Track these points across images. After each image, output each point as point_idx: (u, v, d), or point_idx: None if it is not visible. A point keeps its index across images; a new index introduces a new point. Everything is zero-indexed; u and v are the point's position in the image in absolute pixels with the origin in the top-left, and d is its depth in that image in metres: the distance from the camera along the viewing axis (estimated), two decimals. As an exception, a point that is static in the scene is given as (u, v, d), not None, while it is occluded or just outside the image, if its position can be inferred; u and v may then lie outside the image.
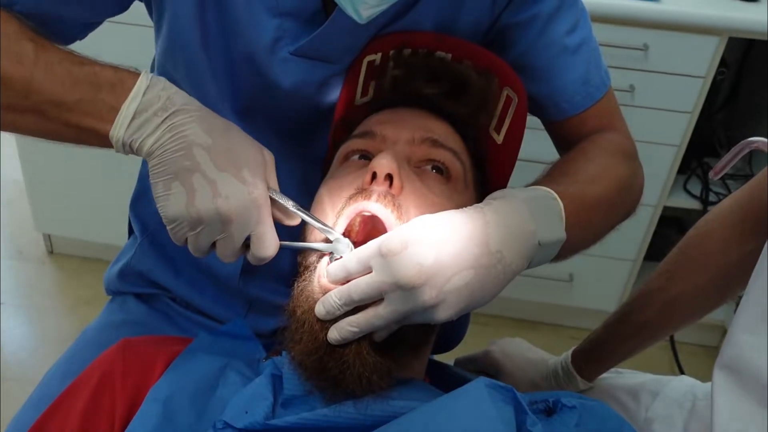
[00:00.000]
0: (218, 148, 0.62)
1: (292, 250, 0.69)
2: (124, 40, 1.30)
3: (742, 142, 0.71)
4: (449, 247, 0.57)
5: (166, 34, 0.78)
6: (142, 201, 0.96)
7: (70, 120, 0.63)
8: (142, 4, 0.80)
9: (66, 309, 2.00)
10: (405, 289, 0.56)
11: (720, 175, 0.73)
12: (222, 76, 0.78)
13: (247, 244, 0.64)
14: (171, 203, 0.61)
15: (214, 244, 0.64)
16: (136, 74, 0.64)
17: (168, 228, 0.63)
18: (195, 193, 0.61)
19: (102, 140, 0.64)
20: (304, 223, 0.68)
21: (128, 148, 0.63)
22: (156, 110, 0.62)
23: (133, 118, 0.62)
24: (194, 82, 0.78)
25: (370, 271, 0.58)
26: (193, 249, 0.64)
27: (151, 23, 0.82)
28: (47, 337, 1.92)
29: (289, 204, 0.65)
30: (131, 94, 0.62)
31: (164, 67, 0.83)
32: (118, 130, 0.62)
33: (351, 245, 0.63)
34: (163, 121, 0.62)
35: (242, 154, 0.64)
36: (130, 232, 1.02)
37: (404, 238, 0.57)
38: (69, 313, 1.99)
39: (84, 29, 0.78)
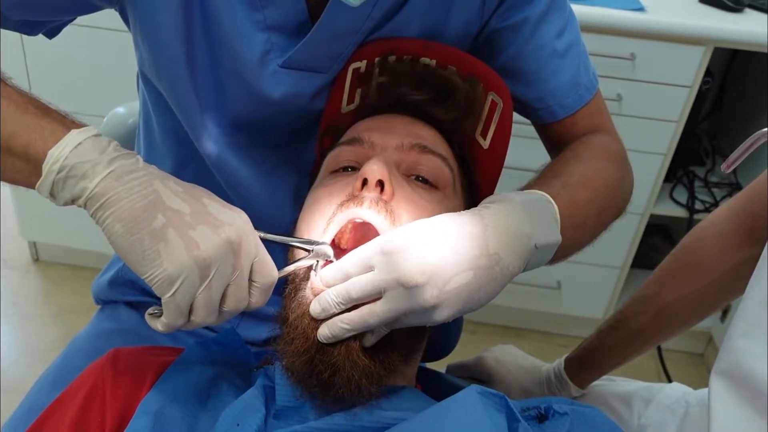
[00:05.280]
0: (185, 185, 0.59)
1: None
2: (121, 46, 1.29)
3: (756, 133, 0.69)
4: (450, 248, 0.57)
5: (150, 47, 0.75)
6: None
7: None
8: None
9: (51, 317, 1.98)
10: (407, 286, 0.55)
11: (731, 168, 0.72)
12: (208, 90, 0.77)
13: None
14: (168, 256, 0.54)
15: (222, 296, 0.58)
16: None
17: (169, 294, 0.54)
18: (194, 233, 0.55)
19: (30, 168, 0.55)
20: (286, 248, 0.67)
21: (64, 178, 0.54)
22: (114, 146, 0.57)
23: (89, 138, 0.56)
24: (178, 95, 0.77)
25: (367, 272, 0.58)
26: (206, 309, 0.56)
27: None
28: (31, 345, 1.90)
29: (260, 233, 0.61)
30: (85, 127, 0.58)
31: (145, 77, 0.81)
32: (62, 150, 0.54)
33: (331, 252, 0.62)
34: (118, 157, 0.56)
35: (203, 191, 0.60)
36: None
37: (406, 238, 0.57)
38: (54, 321, 1.97)
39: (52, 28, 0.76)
